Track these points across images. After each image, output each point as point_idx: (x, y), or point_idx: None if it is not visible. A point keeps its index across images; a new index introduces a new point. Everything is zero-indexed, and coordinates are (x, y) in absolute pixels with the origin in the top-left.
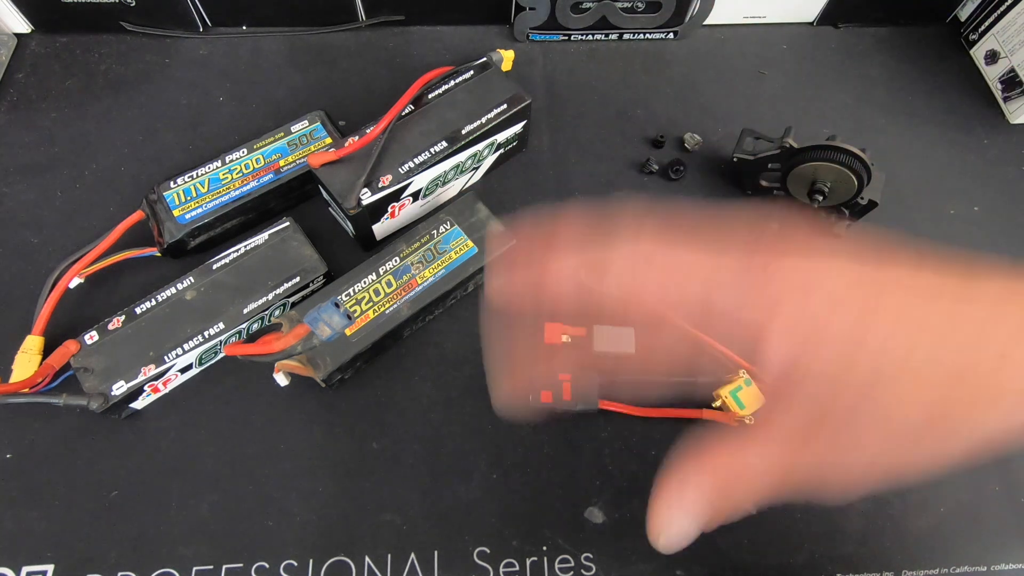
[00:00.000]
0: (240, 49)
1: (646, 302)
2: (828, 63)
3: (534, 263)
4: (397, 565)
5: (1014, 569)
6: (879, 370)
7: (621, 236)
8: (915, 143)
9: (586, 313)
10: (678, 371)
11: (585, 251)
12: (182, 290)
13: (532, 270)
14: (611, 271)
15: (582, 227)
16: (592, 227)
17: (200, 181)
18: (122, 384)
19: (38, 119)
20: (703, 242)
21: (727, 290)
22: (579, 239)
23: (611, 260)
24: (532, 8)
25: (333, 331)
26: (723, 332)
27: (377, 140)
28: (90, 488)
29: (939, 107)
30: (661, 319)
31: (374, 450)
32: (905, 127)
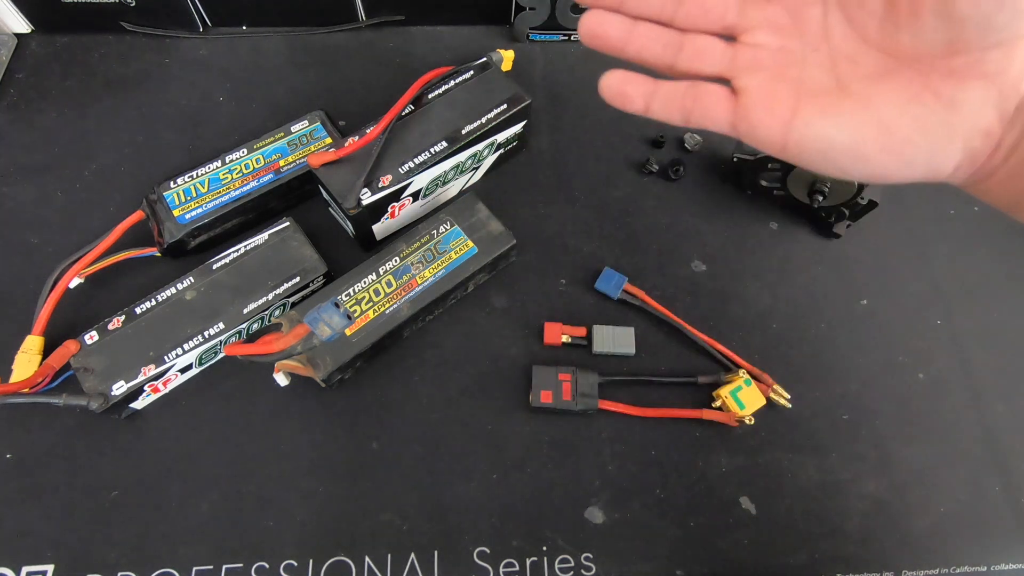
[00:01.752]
0: (240, 49)
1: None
2: None
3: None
4: (397, 565)
5: (1014, 569)
6: None
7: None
8: None
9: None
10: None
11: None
12: (182, 290)
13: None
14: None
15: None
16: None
17: (200, 181)
18: (122, 384)
19: (38, 119)
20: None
21: None
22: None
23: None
24: (532, 8)
25: (333, 331)
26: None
27: (377, 140)
28: (90, 488)
29: None
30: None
31: (374, 450)
32: None
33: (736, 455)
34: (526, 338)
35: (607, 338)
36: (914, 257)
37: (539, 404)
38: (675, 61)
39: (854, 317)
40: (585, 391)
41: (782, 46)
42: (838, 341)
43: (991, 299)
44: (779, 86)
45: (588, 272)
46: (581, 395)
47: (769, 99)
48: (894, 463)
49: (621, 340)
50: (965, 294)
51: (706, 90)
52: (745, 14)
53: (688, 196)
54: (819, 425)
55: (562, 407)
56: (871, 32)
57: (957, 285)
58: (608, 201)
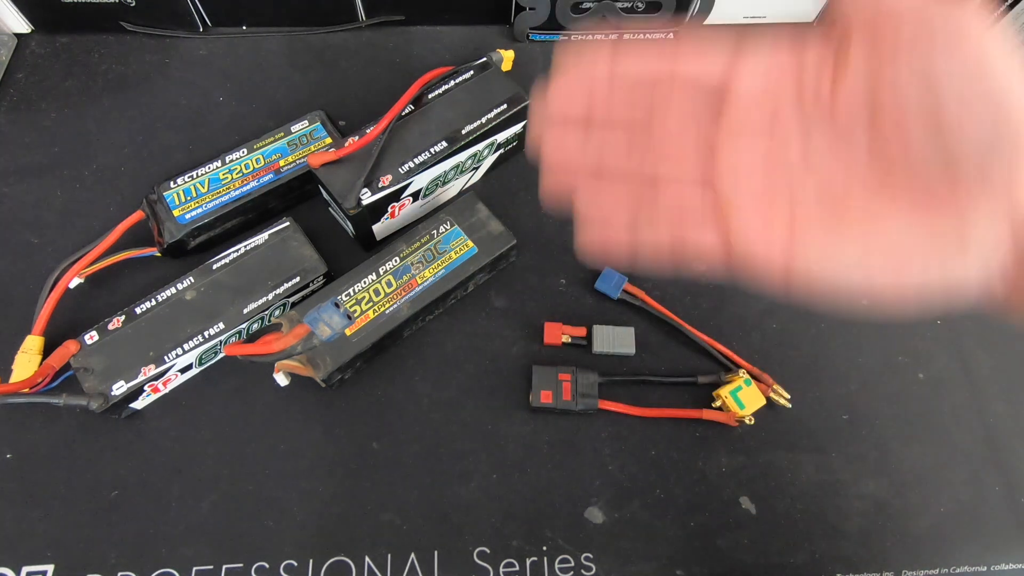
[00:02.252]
0: (240, 49)
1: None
2: None
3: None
4: (397, 565)
5: (1014, 569)
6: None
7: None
8: None
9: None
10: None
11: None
12: (182, 290)
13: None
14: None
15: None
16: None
17: (200, 181)
18: (122, 384)
19: (38, 119)
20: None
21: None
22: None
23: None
24: (532, 8)
25: (333, 331)
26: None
27: (377, 140)
28: (90, 488)
29: None
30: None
31: (374, 450)
32: None
33: (736, 455)
34: (526, 338)
35: (607, 338)
36: None
37: (539, 404)
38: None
39: (854, 317)
40: (585, 391)
41: (767, 151)
42: (838, 341)
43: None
44: (772, 214)
45: (588, 272)
46: (581, 395)
47: (763, 234)
48: (894, 463)
49: (621, 340)
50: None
51: (694, 234)
52: (723, 120)
53: None
54: (819, 425)
55: (562, 407)
56: (859, 149)
57: None
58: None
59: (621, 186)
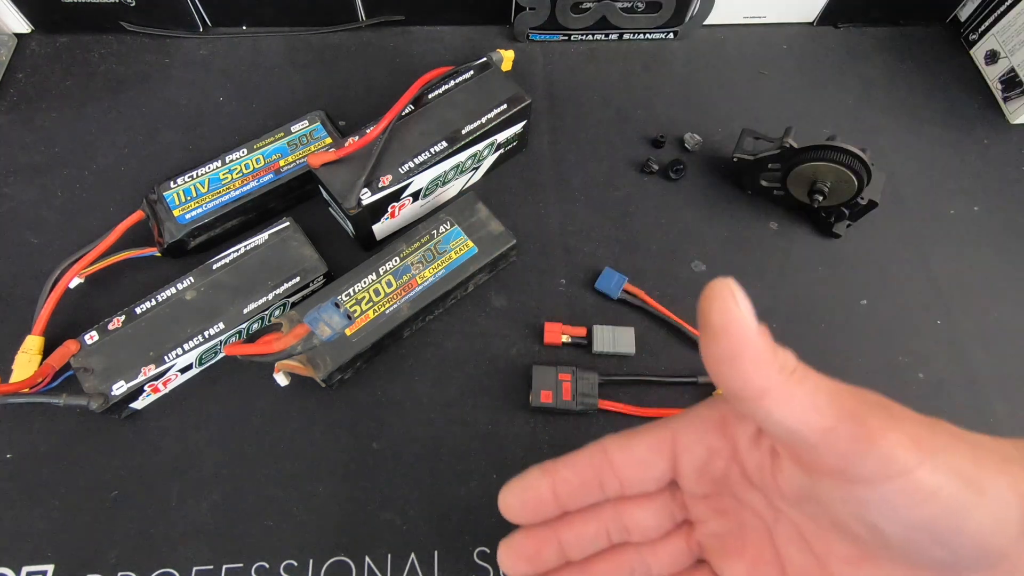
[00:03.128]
0: (240, 49)
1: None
2: (828, 63)
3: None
4: (397, 565)
5: None
6: None
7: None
8: (915, 143)
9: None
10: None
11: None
12: (182, 290)
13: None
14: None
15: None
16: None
17: (200, 181)
18: (122, 384)
19: (38, 119)
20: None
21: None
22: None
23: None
24: (532, 8)
25: (333, 331)
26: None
27: (377, 140)
28: (90, 488)
29: (939, 107)
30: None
31: (374, 450)
32: (905, 127)
33: None
34: (526, 338)
35: (607, 338)
36: (914, 257)
37: (539, 404)
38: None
39: (854, 317)
40: (585, 391)
41: (740, 524)
42: (838, 341)
43: (991, 299)
44: (763, 571)
45: (588, 272)
46: (581, 395)
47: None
48: None
49: (621, 340)
50: (965, 294)
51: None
52: (690, 511)
53: (688, 196)
54: None
55: (562, 407)
56: (825, 525)
57: (957, 285)
58: (608, 201)
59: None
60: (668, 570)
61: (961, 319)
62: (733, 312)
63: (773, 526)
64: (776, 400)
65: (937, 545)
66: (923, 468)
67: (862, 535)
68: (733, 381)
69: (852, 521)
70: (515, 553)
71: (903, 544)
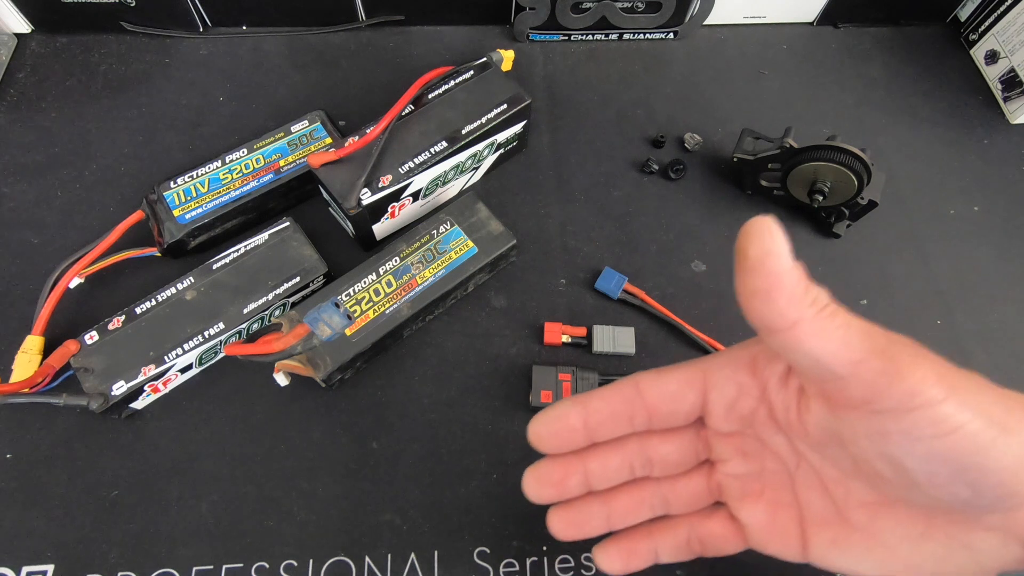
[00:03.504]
0: (240, 49)
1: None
2: (828, 63)
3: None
4: (397, 565)
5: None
6: None
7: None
8: (915, 143)
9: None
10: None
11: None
12: (182, 290)
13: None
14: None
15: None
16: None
17: (200, 181)
18: (122, 384)
19: (38, 119)
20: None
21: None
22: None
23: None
24: (532, 8)
25: (333, 331)
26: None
27: (377, 140)
28: (90, 488)
29: (939, 107)
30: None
31: (374, 450)
32: (905, 127)
33: None
34: (526, 338)
35: (607, 338)
36: (914, 257)
37: (539, 404)
38: (667, 512)
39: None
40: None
41: (762, 468)
42: None
43: (991, 299)
44: (780, 515)
45: (588, 272)
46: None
47: (775, 532)
48: None
49: (621, 340)
50: (965, 294)
51: (709, 531)
52: (714, 449)
53: (688, 196)
54: None
55: None
56: (846, 469)
57: (957, 285)
58: (608, 201)
59: (633, 506)
60: (686, 507)
61: (961, 319)
62: (770, 247)
63: (794, 471)
64: (807, 333)
65: (958, 482)
66: (949, 403)
67: (883, 473)
68: (767, 314)
69: (875, 458)
70: (541, 479)
71: (925, 479)
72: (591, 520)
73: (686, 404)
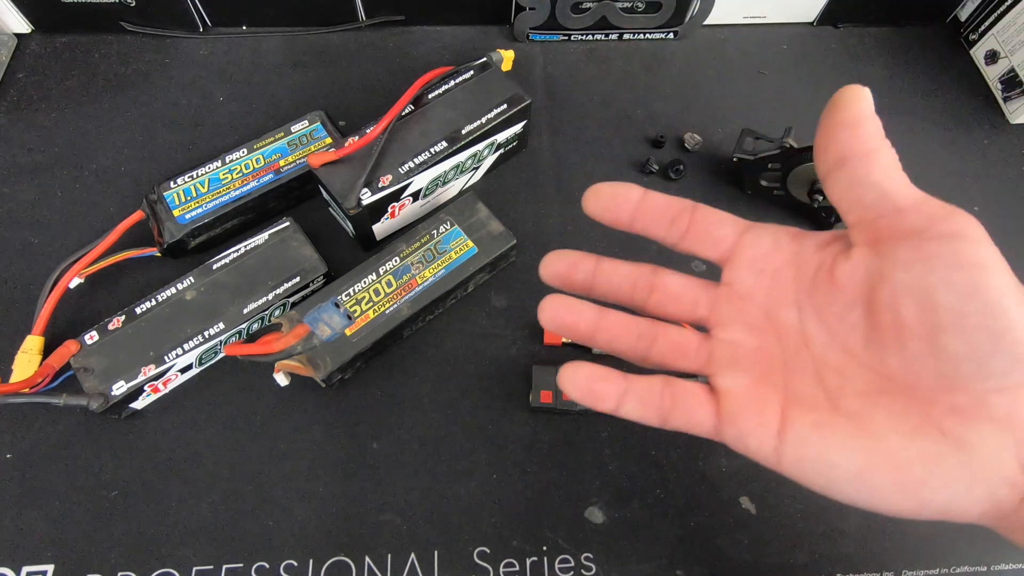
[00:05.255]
0: (240, 49)
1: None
2: (828, 63)
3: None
4: (397, 565)
5: (1014, 569)
6: None
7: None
8: (915, 143)
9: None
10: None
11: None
12: (182, 290)
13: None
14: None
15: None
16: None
17: (200, 181)
18: (122, 384)
19: (38, 119)
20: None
21: None
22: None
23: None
24: (532, 8)
25: (333, 331)
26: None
27: (377, 140)
28: (90, 488)
29: (939, 107)
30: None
31: (374, 450)
32: (905, 127)
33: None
34: (526, 338)
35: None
36: None
37: (539, 404)
38: (648, 353)
39: None
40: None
41: (759, 345)
42: None
43: None
44: (764, 391)
45: None
46: None
47: (754, 404)
48: None
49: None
50: None
51: (684, 389)
52: (717, 308)
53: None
54: None
55: (562, 407)
56: (855, 347)
57: None
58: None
59: (623, 322)
60: (670, 354)
61: None
62: (862, 95)
63: (791, 358)
64: (880, 163)
65: (982, 329)
66: (995, 247)
67: (907, 319)
68: (851, 139)
69: (907, 294)
70: (558, 256)
71: (951, 320)
72: (582, 314)
73: (723, 231)
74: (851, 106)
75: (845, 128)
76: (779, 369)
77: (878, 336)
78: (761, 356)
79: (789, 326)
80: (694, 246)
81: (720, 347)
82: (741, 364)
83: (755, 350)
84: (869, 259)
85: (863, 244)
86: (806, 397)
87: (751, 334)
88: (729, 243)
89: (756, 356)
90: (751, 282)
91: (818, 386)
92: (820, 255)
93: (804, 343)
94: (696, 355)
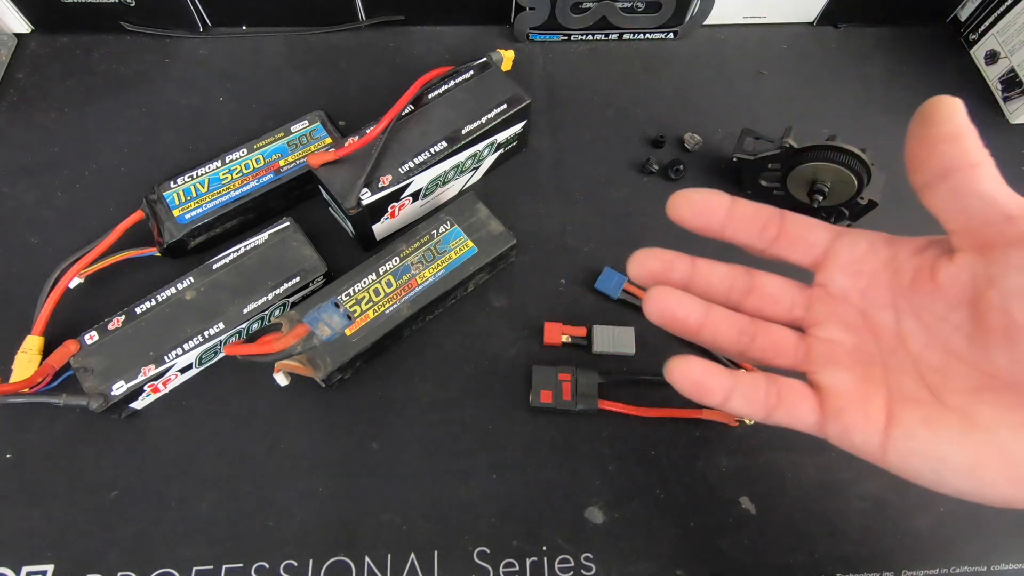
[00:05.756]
0: (240, 49)
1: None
2: (828, 63)
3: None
4: (397, 565)
5: (1014, 569)
6: None
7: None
8: None
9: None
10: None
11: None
12: (182, 290)
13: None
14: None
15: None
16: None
17: (200, 181)
18: (122, 384)
19: (38, 119)
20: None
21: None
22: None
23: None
24: (532, 8)
25: (333, 331)
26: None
27: (377, 140)
28: (90, 488)
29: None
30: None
31: (374, 450)
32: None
33: (736, 455)
34: (526, 338)
35: (607, 338)
36: None
37: (539, 404)
38: (748, 349)
39: None
40: (585, 391)
41: (857, 344)
42: None
43: None
44: (867, 387)
45: (588, 272)
46: (581, 395)
47: (859, 400)
48: None
49: (621, 340)
50: None
51: (789, 386)
52: (813, 308)
53: None
54: None
55: (562, 407)
56: (958, 348)
57: None
58: (608, 201)
59: (727, 318)
60: (770, 350)
61: None
62: (959, 106)
63: (888, 357)
64: (986, 174)
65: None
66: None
67: (1018, 319)
68: (954, 153)
69: (1020, 298)
70: (650, 255)
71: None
72: (691, 308)
73: (816, 236)
74: (949, 119)
75: (946, 142)
76: (879, 367)
77: (984, 336)
78: (860, 354)
79: (885, 327)
80: (784, 251)
81: (819, 345)
82: (841, 362)
83: (853, 349)
84: (975, 263)
85: (968, 249)
86: (910, 393)
87: (849, 333)
88: (822, 248)
89: (855, 354)
90: (847, 284)
91: (920, 383)
92: (917, 259)
93: (901, 343)
94: (794, 353)
